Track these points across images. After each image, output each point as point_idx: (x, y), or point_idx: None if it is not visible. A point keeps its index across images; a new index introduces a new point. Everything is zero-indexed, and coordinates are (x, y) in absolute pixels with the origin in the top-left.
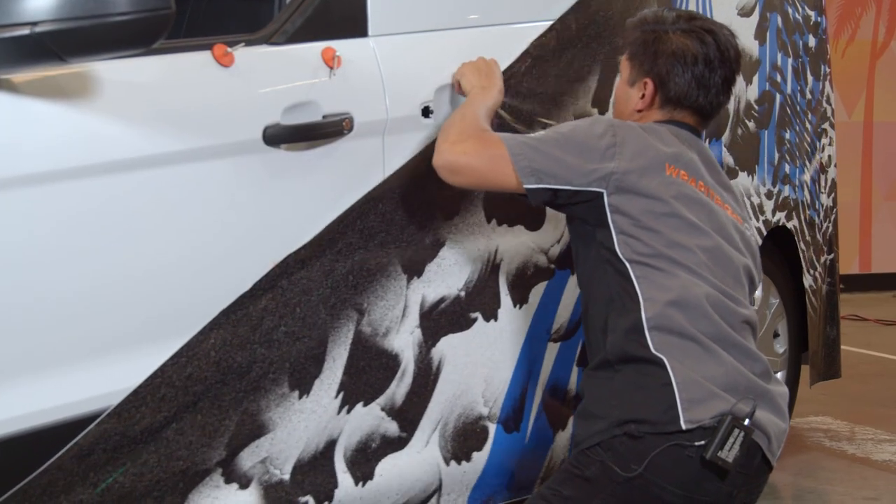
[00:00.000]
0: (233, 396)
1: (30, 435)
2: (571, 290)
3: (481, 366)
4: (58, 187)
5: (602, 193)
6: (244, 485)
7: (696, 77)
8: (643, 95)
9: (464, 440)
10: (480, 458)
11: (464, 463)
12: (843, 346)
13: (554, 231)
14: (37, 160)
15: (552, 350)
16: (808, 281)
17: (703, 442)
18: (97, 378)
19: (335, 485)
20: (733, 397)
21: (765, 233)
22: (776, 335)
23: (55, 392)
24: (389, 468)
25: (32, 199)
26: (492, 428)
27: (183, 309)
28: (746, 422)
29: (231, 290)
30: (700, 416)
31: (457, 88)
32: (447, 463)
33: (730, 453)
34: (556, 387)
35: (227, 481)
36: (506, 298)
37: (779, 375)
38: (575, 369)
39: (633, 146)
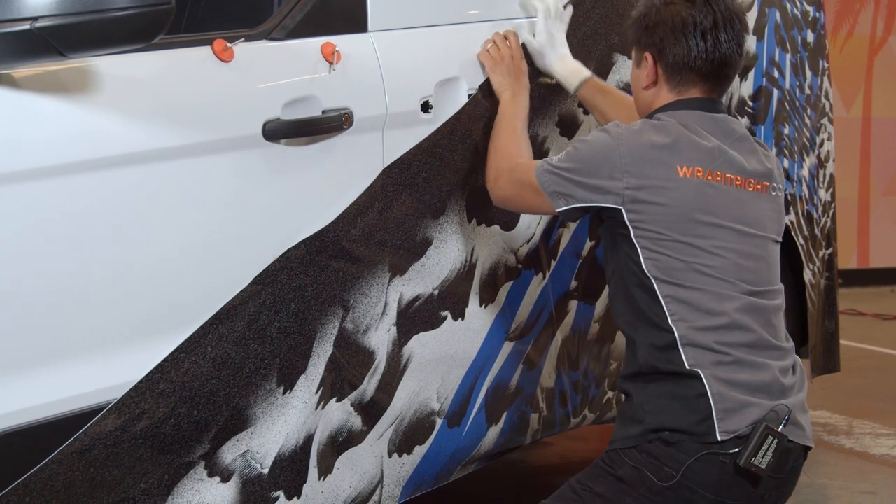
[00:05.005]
0: (226, 392)
1: (30, 430)
2: (534, 290)
3: (441, 363)
4: (57, 182)
5: (620, 210)
6: (225, 478)
7: (691, 39)
8: (647, 73)
9: (412, 434)
10: (420, 451)
11: (405, 455)
12: (841, 341)
13: (526, 231)
14: (37, 155)
15: (506, 348)
16: (807, 276)
17: (737, 449)
18: (98, 373)
19: (304, 479)
20: (768, 401)
21: None
22: None
23: (56, 387)
24: (345, 462)
25: (32, 194)
26: (438, 423)
27: (182, 304)
28: (780, 427)
29: (230, 286)
30: (735, 427)
31: (486, 68)
32: (390, 455)
33: (763, 460)
34: (500, 384)
35: (210, 475)
36: (475, 298)
37: None
38: (520, 367)
39: (640, 158)
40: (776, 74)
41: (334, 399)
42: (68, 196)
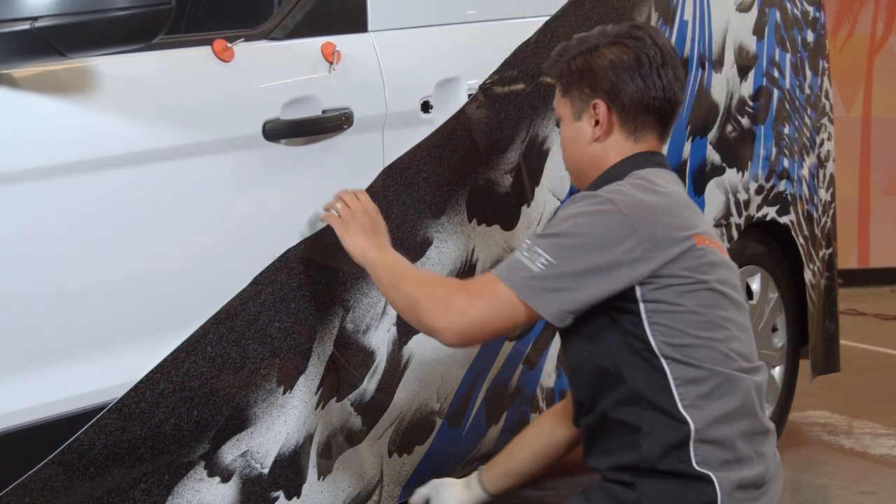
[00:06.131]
0: (226, 392)
1: (30, 430)
2: None
3: (441, 363)
4: (57, 182)
5: (634, 288)
6: (225, 478)
7: (645, 76)
8: (597, 122)
9: (412, 434)
10: (420, 451)
11: (405, 455)
12: (841, 341)
13: (526, 231)
14: (37, 155)
15: (506, 348)
16: (807, 275)
17: None
18: (98, 373)
19: (304, 479)
20: (762, 495)
21: (742, 227)
22: (775, 329)
23: (56, 386)
24: (345, 461)
25: (32, 194)
26: (438, 423)
27: (182, 304)
28: None
29: (230, 286)
30: None
31: (337, 232)
32: (390, 455)
33: None
34: (499, 384)
35: (210, 474)
36: None
37: (777, 370)
38: (520, 367)
39: (660, 231)
40: (776, 74)
41: (334, 399)
42: (68, 196)
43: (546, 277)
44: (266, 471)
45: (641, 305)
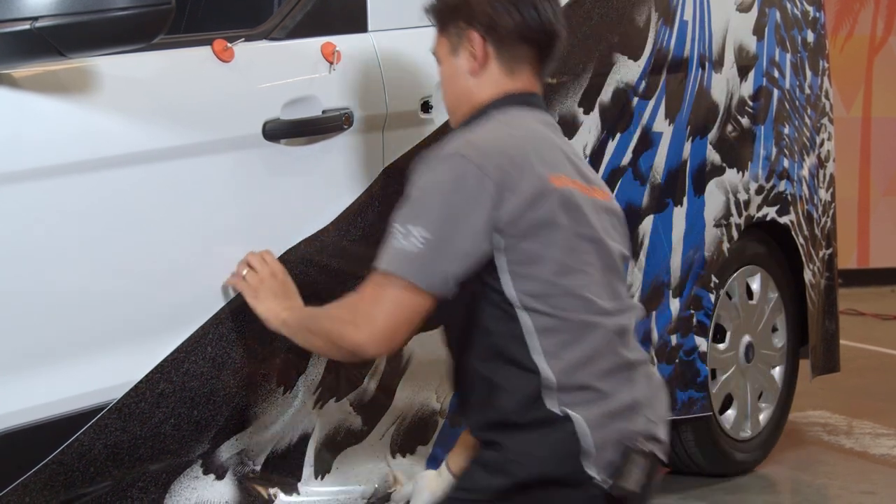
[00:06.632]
0: (226, 392)
1: (30, 430)
2: None
3: (441, 363)
4: (57, 182)
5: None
6: (220, 476)
7: (521, 7)
8: (472, 54)
9: (414, 434)
10: (423, 451)
11: (408, 456)
12: (841, 341)
13: None
14: (37, 155)
15: None
16: (807, 275)
17: (606, 478)
18: (98, 373)
19: (299, 478)
20: (633, 423)
21: (742, 228)
22: (775, 329)
23: (56, 387)
24: (343, 461)
25: (32, 193)
26: (440, 423)
27: (182, 304)
28: (645, 444)
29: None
30: (606, 459)
31: (247, 298)
32: (394, 456)
33: (631, 480)
34: None
35: (206, 472)
36: None
37: (777, 370)
38: None
39: (513, 174)
40: (776, 74)
41: (334, 399)
42: (69, 196)
43: (425, 253)
44: (262, 468)
45: (499, 256)
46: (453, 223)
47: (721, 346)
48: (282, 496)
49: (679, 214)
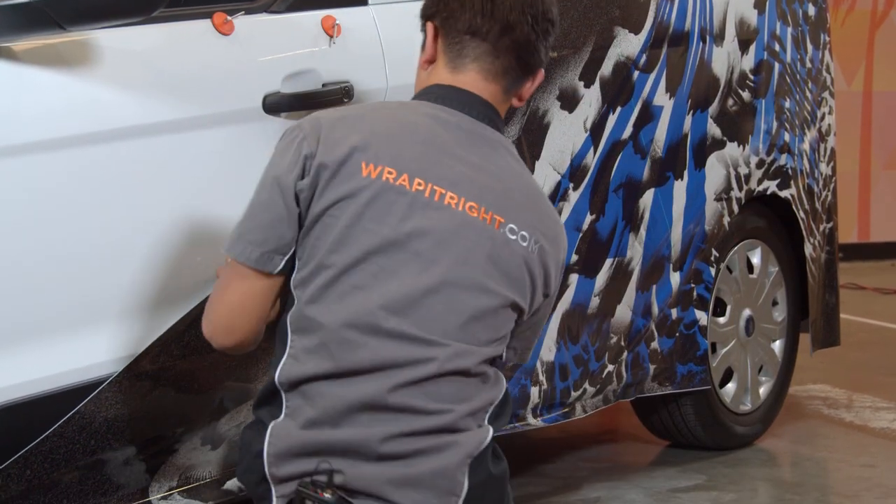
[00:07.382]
0: (227, 365)
1: (31, 402)
2: None
3: None
4: (57, 155)
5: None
6: (216, 445)
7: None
8: (423, 47)
9: None
10: None
11: None
12: (841, 315)
13: None
14: (37, 129)
15: None
16: (807, 249)
17: None
18: (99, 346)
19: None
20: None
21: (743, 201)
22: (775, 303)
23: (56, 361)
24: None
25: (32, 167)
26: None
27: (181, 277)
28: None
29: None
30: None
31: None
32: None
33: None
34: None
35: (203, 443)
36: None
37: (777, 344)
38: None
39: (325, 143)
40: (777, 48)
41: None
42: (67, 169)
43: (241, 222)
44: None
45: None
46: (262, 188)
47: (721, 320)
48: None
49: (679, 188)
